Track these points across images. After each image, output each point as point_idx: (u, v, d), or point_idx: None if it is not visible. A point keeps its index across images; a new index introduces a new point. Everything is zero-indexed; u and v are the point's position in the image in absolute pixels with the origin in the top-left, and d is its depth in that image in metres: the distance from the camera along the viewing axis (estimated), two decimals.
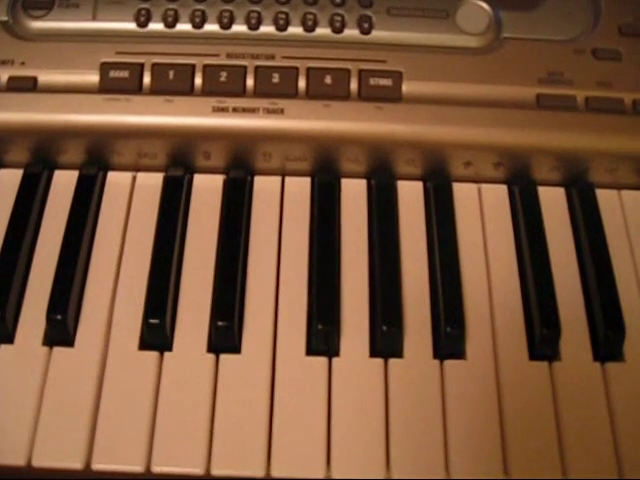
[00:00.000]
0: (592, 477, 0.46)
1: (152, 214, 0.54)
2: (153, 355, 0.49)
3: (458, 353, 0.50)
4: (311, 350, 0.49)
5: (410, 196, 0.56)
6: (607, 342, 0.50)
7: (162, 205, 0.54)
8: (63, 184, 0.56)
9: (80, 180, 0.56)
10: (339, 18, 0.56)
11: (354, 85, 0.54)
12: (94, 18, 0.56)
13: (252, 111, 0.53)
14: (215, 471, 0.45)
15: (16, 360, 0.48)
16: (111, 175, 0.56)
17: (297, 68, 0.54)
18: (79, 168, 0.56)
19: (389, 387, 0.48)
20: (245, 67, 0.54)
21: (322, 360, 0.49)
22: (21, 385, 0.47)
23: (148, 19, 0.56)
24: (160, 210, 0.54)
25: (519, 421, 0.47)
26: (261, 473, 0.45)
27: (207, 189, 0.56)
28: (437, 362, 0.49)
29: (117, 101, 0.54)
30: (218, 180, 0.56)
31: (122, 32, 0.56)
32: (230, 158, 0.55)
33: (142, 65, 0.54)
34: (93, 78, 0.54)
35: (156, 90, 0.54)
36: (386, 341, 0.49)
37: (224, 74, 0.54)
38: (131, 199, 0.55)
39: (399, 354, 0.49)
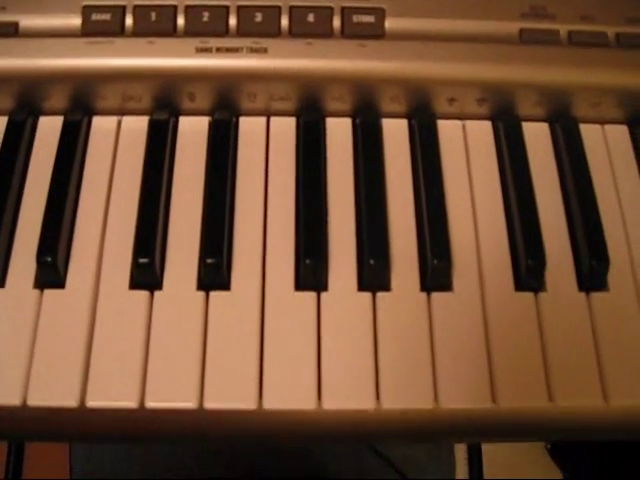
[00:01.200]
0: (578, 402, 0.48)
1: (138, 157, 0.54)
2: (143, 294, 0.49)
3: (445, 285, 0.50)
4: (300, 285, 0.50)
5: (395, 134, 0.56)
6: (591, 272, 0.51)
7: (148, 148, 0.54)
8: (48, 130, 0.56)
9: (65, 125, 0.55)
10: None
11: (337, 23, 0.54)
12: None
13: (235, 51, 0.53)
14: (208, 404, 0.46)
15: (8, 303, 0.49)
16: (96, 120, 0.56)
17: (280, 7, 0.54)
18: (64, 114, 0.56)
19: (377, 320, 0.49)
20: (227, 7, 0.54)
21: (311, 295, 0.49)
22: (14, 328, 0.48)
23: None
24: (146, 153, 0.54)
25: (506, 351, 0.48)
26: (253, 405, 0.46)
27: (193, 131, 0.56)
28: (424, 294, 0.50)
29: (100, 44, 0.53)
30: (203, 122, 0.56)
31: None
32: (215, 99, 0.55)
33: (124, 7, 0.54)
34: (75, 21, 0.54)
35: (138, 32, 0.53)
36: (373, 275, 0.49)
37: (206, 14, 0.54)
38: (117, 143, 0.55)
39: (386, 287, 0.50)
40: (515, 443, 0.99)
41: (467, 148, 0.56)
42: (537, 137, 0.57)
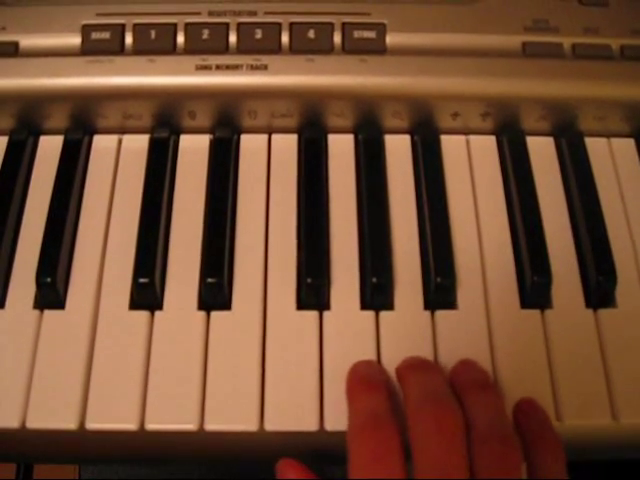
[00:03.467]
0: (586, 421, 0.47)
1: (139, 176, 0.54)
2: (144, 314, 0.48)
3: (449, 303, 0.49)
4: (302, 304, 0.49)
5: (398, 150, 0.56)
6: (599, 288, 0.50)
7: (149, 166, 0.54)
8: (49, 149, 0.55)
9: (65, 144, 0.55)
10: None
11: (338, 38, 0.54)
12: None
13: (235, 68, 0.53)
14: (209, 426, 0.45)
15: (7, 324, 0.48)
16: (97, 139, 0.56)
17: (280, 23, 0.54)
18: (64, 133, 0.56)
19: (380, 339, 0.48)
20: (227, 24, 0.54)
21: (313, 314, 0.49)
22: (13, 349, 0.47)
23: None
24: (147, 171, 0.54)
25: (511, 369, 0.47)
26: (254, 427, 0.45)
27: (193, 149, 0.55)
28: (428, 313, 0.49)
29: (100, 63, 0.53)
30: (204, 140, 0.56)
31: None
32: (215, 117, 0.55)
33: (123, 26, 0.54)
34: (75, 40, 0.54)
35: (138, 50, 0.53)
36: (376, 293, 0.49)
37: (206, 32, 0.53)
38: (118, 162, 0.55)
39: (390, 306, 0.49)
40: None
41: (471, 163, 0.55)
42: (542, 151, 0.56)
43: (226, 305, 0.49)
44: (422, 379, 0.44)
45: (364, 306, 0.49)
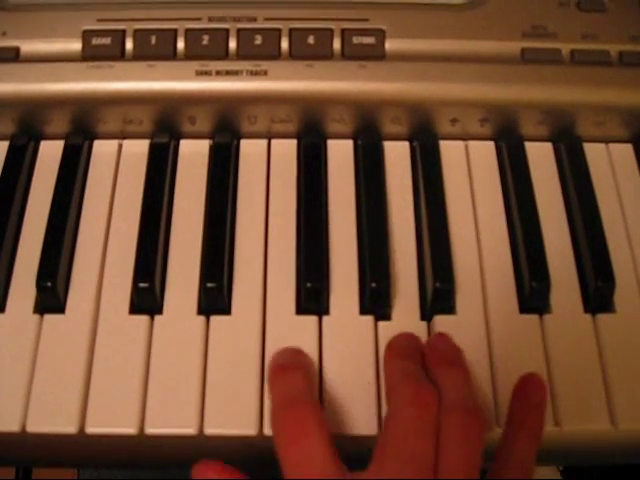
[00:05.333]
0: (585, 427, 0.47)
1: (139, 181, 0.54)
2: (144, 319, 0.49)
3: (448, 308, 0.50)
4: (301, 309, 0.49)
5: (397, 155, 0.56)
6: (597, 293, 0.50)
7: (149, 171, 0.54)
8: (49, 154, 0.56)
9: (66, 150, 0.55)
10: None
11: (337, 44, 0.54)
12: None
13: (235, 74, 0.53)
14: (208, 430, 0.45)
15: (8, 328, 0.49)
16: (97, 143, 0.56)
17: (279, 29, 0.54)
18: (65, 138, 0.56)
19: (379, 343, 0.48)
20: (227, 30, 0.54)
21: (312, 319, 0.49)
22: (14, 353, 0.48)
23: None
24: (147, 176, 0.54)
25: (510, 374, 0.47)
26: (254, 431, 0.45)
27: (193, 154, 0.56)
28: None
29: (100, 68, 0.53)
30: (204, 145, 0.56)
31: None
32: (215, 122, 0.55)
33: (124, 31, 0.54)
34: (75, 46, 0.54)
35: (139, 56, 0.54)
36: (375, 298, 0.49)
37: (206, 38, 0.54)
38: (118, 167, 0.55)
39: (389, 311, 0.49)
40: None
41: (470, 169, 0.55)
42: (540, 157, 0.56)
43: (226, 310, 0.49)
44: (403, 363, 0.45)
45: (363, 311, 0.49)
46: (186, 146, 0.56)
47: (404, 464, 0.39)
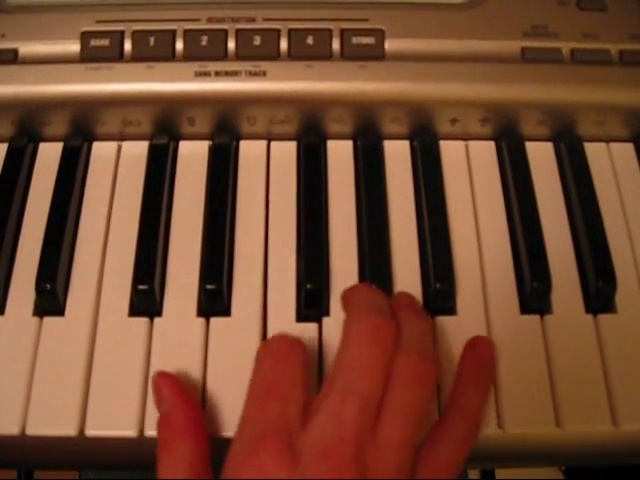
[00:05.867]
0: (586, 428, 0.47)
1: (138, 183, 0.54)
2: (143, 321, 0.48)
3: (448, 309, 0.49)
4: (301, 311, 0.49)
5: (397, 155, 0.56)
6: (598, 293, 0.50)
7: (148, 173, 0.54)
8: (48, 156, 0.55)
9: (65, 151, 0.55)
10: None
11: (336, 45, 0.54)
12: None
13: (234, 74, 0.53)
14: (209, 431, 0.45)
15: (7, 331, 0.48)
16: (96, 145, 0.56)
17: (278, 30, 0.54)
18: (64, 140, 0.56)
19: None
20: (226, 31, 0.54)
21: (312, 320, 0.49)
22: (13, 356, 0.47)
23: None
24: (146, 178, 0.54)
25: (511, 375, 0.47)
26: None
27: (193, 155, 0.55)
28: None
29: (99, 70, 0.53)
30: (203, 146, 0.56)
31: (101, 0, 0.55)
32: (215, 123, 0.55)
33: (122, 33, 0.54)
34: (74, 47, 0.54)
35: (137, 57, 0.53)
36: None
37: (205, 38, 0.53)
38: (117, 168, 0.55)
39: None
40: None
41: (470, 169, 0.55)
42: (541, 157, 0.56)
43: (225, 311, 0.49)
44: (363, 292, 0.46)
45: None
46: (185, 147, 0.56)
47: (348, 398, 0.39)
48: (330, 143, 0.56)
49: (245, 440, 0.40)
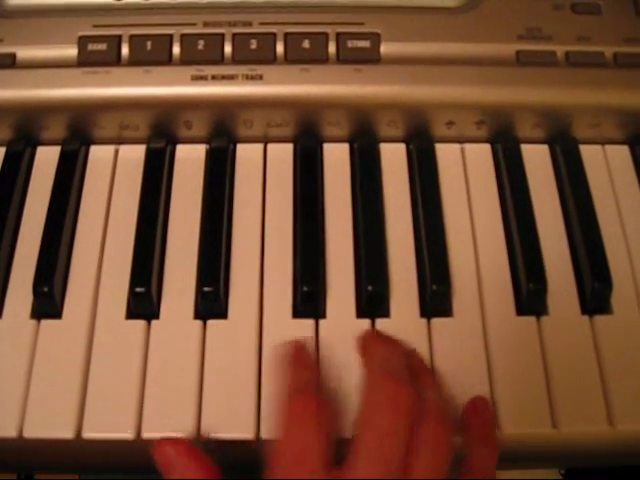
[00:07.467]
0: (583, 429, 0.47)
1: (136, 186, 0.54)
2: (140, 324, 0.49)
3: (445, 311, 0.50)
4: (297, 312, 0.49)
5: (393, 158, 0.56)
6: (594, 295, 0.50)
7: (145, 176, 0.54)
8: (46, 160, 0.56)
9: (62, 155, 0.55)
10: None
11: (332, 48, 0.54)
12: None
13: (231, 78, 0.53)
14: (207, 435, 0.45)
15: (5, 334, 0.49)
16: (93, 149, 0.56)
17: (275, 34, 0.54)
18: (61, 143, 0.56)
19: None
20: (223, 35, 0.54)
21: (309, 322, 0.49)
22: (10, 358, 0.48)
23: None
24: (143, 181, 0.54)
25: (507, 376, 0.47)
26: (252, 435, 0.45)
27: (190, 159, 0.56)
28: (424, 320, 0.49)
29: (96, 74, 0.53)
30: (200, 150, 0.56)
31: (99, 5, 0.56)
32: (211, 127, 0.55)
33: (120, 37, 0.54)
34: (71, 52, 0.54)
35: (135, 61, 0.54)
36: (372, 301, 0.49)
37: (202, 43, 0.54)
38: (114, 172, 0.55)
39: (386, 313, 0.49)
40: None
41: (466, 171, 0.56)
42: (537, 159, 0.56)
43: (222, 314, 0.49)
44: (383, 353, 0.45)
45: (360, 314, 0.49)
46: (182, 151, 0.56)
47: (376, 466, 0.39)
48: (326, 146, 0.56)
49: None
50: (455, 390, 0.47)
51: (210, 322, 0.49)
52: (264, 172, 0.55)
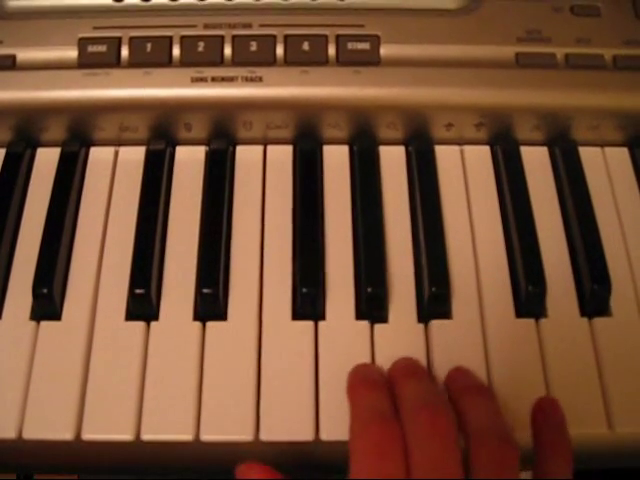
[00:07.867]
0: (582, 431, 0.47)
1: (135, 188, 0.54)
2: (140, 325, 0.49)
3: (443, 313, 0.50)
4: (297, 314, 0.49)
5: (392, 160, 0.56)
6: (593, 297, 0.50)
7: (145, 178, 0.54)
8: (46, 161, 0.56)
9: (62, 157, 0.56)
10: None
11: (332, 50, 0.54)
12: None
13: (231, 80, 0.53)
14: (204, 437, 0.45)
15: (4, 335, 0.49)
16: (93, 150, 0.56)
17: (274, 36, 0.54)
18: (61, 145, 0.56)
19: (375, 348, 0.48)
20: (222, 37, 0.54)
21: (308, 324, 0.49)
22: (10, 360, 0.48)
23: None
24: (143, 183, 0.54)
25: (506, 379, 0.47)
26: (250, 437, 0.45)
27: (189, 161, 0.56)
28: (423, 323, 0.49)
29: (96, 75, 0.54)
30: (200, 151, 0.56)
31: (99, 7, 0.56)
32: (211, 129, 0.55)
33: (120, 39, 0.54)
34: (71, 54, 0.54)
35: (134, 63, 0.54)
36: (371, 303, 0.49)
37: (202, 44, 0.54)
38: (114, 173, 0.55)
39: (385, 316, 0.49)
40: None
41: (465, 173, 0.56)
42: (536, 161, 0.56)
43: (222, 315, 0.49)
44: (416, 385, 0.44)
45: (359, 316, 0.49)
46: (182, 153, 0.56)
47: None
48: (326, 148, 0.56)
49: None
50: None
51: (209, 324, 0.49)
52: (264, 174, 0.55)
